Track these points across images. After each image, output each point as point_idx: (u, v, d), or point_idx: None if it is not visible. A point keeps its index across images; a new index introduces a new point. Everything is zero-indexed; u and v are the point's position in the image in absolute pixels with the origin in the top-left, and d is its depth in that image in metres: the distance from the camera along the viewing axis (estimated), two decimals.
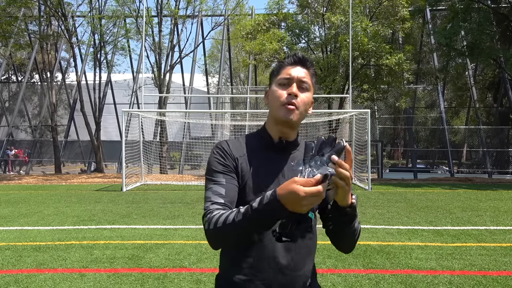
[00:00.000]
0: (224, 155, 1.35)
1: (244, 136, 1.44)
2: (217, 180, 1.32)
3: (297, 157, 1.39)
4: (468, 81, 24.12)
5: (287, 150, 1.40)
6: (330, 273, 4.51)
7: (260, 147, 1.39)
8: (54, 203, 10.21)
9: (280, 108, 1.34)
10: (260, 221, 1.15)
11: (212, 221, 1.22)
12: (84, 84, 23.44)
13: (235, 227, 1.17)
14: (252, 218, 1.15)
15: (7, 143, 25.08)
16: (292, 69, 1.36)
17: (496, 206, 9.53)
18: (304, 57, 1.40)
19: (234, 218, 1.18)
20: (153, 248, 5.63)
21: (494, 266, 4.74)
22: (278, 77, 1.38)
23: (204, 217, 1.27)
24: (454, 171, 21.79)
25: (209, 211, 1.26)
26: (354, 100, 18.94)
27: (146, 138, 17.66)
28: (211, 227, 1.21)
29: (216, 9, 23.00)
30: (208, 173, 1.36)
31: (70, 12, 22.48)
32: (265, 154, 1.38)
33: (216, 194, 1.29)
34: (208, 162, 1.39)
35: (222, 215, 1.21)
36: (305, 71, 1.38)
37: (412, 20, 19.89)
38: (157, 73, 20.73)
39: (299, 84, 1.35)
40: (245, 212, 1.16)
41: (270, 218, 1.14)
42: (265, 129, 1.42)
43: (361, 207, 9.24)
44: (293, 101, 1.33)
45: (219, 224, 1.20)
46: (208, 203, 1.28)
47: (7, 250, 5.59)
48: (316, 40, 20.39)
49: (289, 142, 1.39)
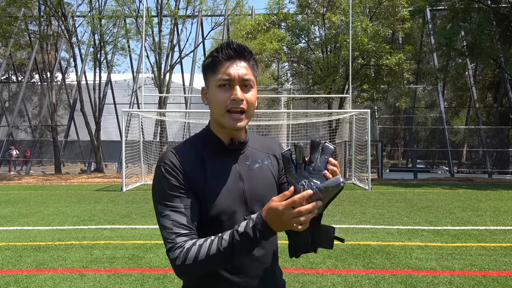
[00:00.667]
0: (175, 173, 1.19)
1: (189, 142, 1.29)
2: (174, 206, 1.18)
3: (250, 156, 1.30)
4: (468, 81, 24.12)
5: (237, 151, 1.29)
6: (330, 273, 4.50)
7: (209, 151, 1.26)
8: (54, 203, 10.21)
9: (224, 116, 1.20)
10: (247, 245, 1.09)
11: (189, 255, 1.11)
12: (84, 84, 23.44)
13: (221, 256, 1.10)
14: (241, 243, 1.09)
15: (7, 143, 25.09)
16: (231, 67, 1.19)
17: (496, 206, 9.53)
18: (241, 46, 1.21)
19: (218, 247, 1.10)
20: (153, 248, 5.63)
21: (494, 266, 4.74)
22: (216, 76, 1.20)
23: (170, 252, 1.14)
24: (454, 171, 21.79)
25: (177, 245, 1.14)
26: (354, 100, 18.94)
27: (146, 138, 17.66)
28: (189, 262, 1.10)
29: (216, 9, 23.01)
30: (160, 196, 1.20)
31: (70, 12, 22.46)
32: (216, 158, 1.26)
33: (178, 225, 1.16)
34: (158, 181, 1.21)
35: (200, 247, 1.11)
36: (245, 64, 1.21)
37: (412, 20, 19.89)
38: (157, 73, 20.73)
39: (242, 83, 1.20)
40: (230, 239, 1.09)
41: (258, 241, 1.09)
42: (211, 132, 1.28)
43: (361, 207, 9.25)
44: (240, 106, 1.19)
45: (201, 257, 1.10)
46: (172, 236, 1.15)
47: (7, 250, 5.59)
48: (316, 40, 20.39)
49: (241, 142, 1.28)
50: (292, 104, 23.39)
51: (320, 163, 1.11)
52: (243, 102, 1.20)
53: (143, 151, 15.93)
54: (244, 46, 1.22)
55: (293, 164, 1.14)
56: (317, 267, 4.72)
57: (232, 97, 1.19)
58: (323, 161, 1.11)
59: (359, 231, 6.70)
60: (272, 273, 1.33)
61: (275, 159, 1.38)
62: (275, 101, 22.66)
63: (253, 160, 1.32)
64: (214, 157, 1.26)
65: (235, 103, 1.19)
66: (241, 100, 1.19)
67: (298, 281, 4.26)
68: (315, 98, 20.26)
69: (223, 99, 1.20)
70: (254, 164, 1.31)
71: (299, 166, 1.13)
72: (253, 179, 1.28)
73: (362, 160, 15.56)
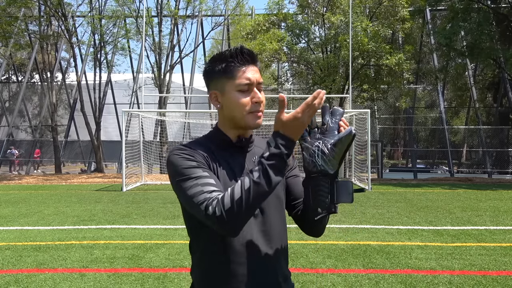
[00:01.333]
0: (191, 153, 1.24)
1: (197, 140, 1.34)
2: (198, 176, 1.18)
3: (256, 153, 1.35)
4: (468, 81, 24.12)
5: (245, 148, 1.35)
6: (330, 273, 4.51)
7: (217, 148, 1.31)
8: (54, 203, 10.22)
9: (246, 117, 1.27)
10: (277, 164, 1.11)
11: (225, 201, 1.09)
12: (84, 84, 23.45)
13: (256, 186, 1.09)
14: (270, 164, 1.11)
15: (7, 143, 25.10)
16: (248, 72, 1.26)
17: (496, 206, 9.53)
18: (252, 52, 1.30)
19: (250, 179, 1.10)
20: (153, 248, 5.63)
21: (494, 266, 4.75)
22: (234, 81, 1.26)
23: (207, 210, 1.10)
24: (454, 171, 21.79)
25: (211, 199, 1.11)
26: (354, 100, 18.95)
27: (146, 138, 17.66)
28: (228, 206, 1.07)
29: (216, 9, 23.01)
30: (181, 174, 1.20)
31: (70, 12, 22.46)
32: (224, 154, 1.31)
33: (208, 185, 1.16)
34: (174, 165, 1.22)
35: (233, 189, 1.10)
36: (257, 69, 1.30)
37: (412, 20, 19.90)
38: (157, 73, 20.73)
39: (258, 86, 1.29)
40: (259, 166, 1.11)
41: (287, 155, 1.13)
42: (220, 131, 1.34)
43: (361, 207, 9.25)
44: (260, 108, 1.28)
45: (238, 195, 1.08)
46: (203, 195, 1.13)
47: (7, 250, 5.60)
48: (316, 40, 20.40)
49: (248, 139, 1.35)
50: (292, 104, 23.37)
51: (332, 124, 1.20)
52: (261, 104, 1.29)
53: (143, 151, 15.93)
54: (254, 53, 1.31)
55: (306, 130, 1.23)
56: (317, 267, 4.73)
57: (255, 100, 1.27)
58: (335, 122, 1.20)
59: (359, 231, 6.71)
60: (283, 276, 1.37)
61: None
62: (275, 101, 22.66)
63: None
64: (222, 152, 1.31)
65: (258, 106, 1.27)
66: (262, 102, 1.29)
67: (298, 281, 4.26)
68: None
69: (245, 102, 1.26)
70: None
71: (312, 131, 1.22)
72: None
73: (362, 160, 15.56)
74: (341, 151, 1.17)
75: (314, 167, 1.20)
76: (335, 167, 1.18)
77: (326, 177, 1.19)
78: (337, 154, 1.17)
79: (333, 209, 1.24)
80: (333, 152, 1.17)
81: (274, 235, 1.32)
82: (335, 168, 1.19)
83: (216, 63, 1.28)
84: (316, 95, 1.11)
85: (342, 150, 1.17)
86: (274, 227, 1.32)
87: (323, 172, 1.19)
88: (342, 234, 6.42)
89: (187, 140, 22.38)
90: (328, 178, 1.19)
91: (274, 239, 1.32)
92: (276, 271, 1.33)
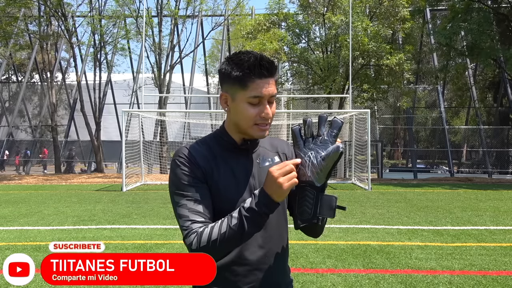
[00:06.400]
0: (190, 165, 1.26)
1: (203, 140, 1.36)
2: (189, 195, 1.23)
3: (261, 155, 1.37)
4: (468, 81, 24.12)
5: (250, 150, 1.36)
6: (330, 273, 4.51)
7: (222, 149, 1.33)
8: (54, 203, 10.21)
9: (252, 128, 1.27)
10: (255, 219, 1.15)
11: (202, 238, 1.16)
12: (84, 84, 23.44)
13: (232, 233, 1.14)
14: (249, 217, 1.14)
15: (7, 143, 25.10)
16: (263, 85, 1.23)
17: (496, 206, 9.53)
18: (272, 64, 1.25)
19: (228, 225, 1.15)
20: (153, 248, 5.63)
21: (494, 266, 4.75)
22: (246, 92, 1.24)
23: (186, 238, 1.20)
24: (454, 171, 21.77)
25: (192, 231, 1.19)
26: (354, 100, 18.92)
27: (146, 138, 17.66)
28: (204, 244, 1.16)
29: (216, 9, 23.00)
30: (177, 187, 1.26)
31: (70, 12, 22.45)
32: (229, 156, 1.32)
33: (194, 212, 1.22)
34: (173, 173, 1.27)
35: (212, 228, 1.17)
36: (273, 80, 1.26)
37: (412, 20, 19.88)
38: (157, 73, 20.73)
39: (270, 99, 1.27)
40: (239, 215, 1.15)
41: (264, 213, 1.15)
42: (226, 132, 1.35)
43: (361, 207, 9.25)
44: (267, 122, 1.27)
45: (214, 237, 1.15)
46: (188, 223, 1.20)
47: (7, 250, 5.60)
48: (317, 40, 20.39)
49: (253, 142, 1.35)
50: (292, 104, 23.39)
51: (327, 136, 1.19)
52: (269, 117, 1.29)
53: (143, 151, 15.93)
54: (273, 63, 1.26)
55: (302, 139, 1.23)
56: (317, 267, 4.72)
57: (263, 115, 1.26)
58: (330, 135, 1.19)
59: (359, 231, 6.71)
60: (283, 271, 1.40)
61: (284, 157, 1.44)
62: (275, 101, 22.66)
63: (264, 158, 1.39)
64: (227, 154, 1.33)
65: (265, 120, 1.27)
66: (269, 118, 1.28)
67: (298, 281, 4.26)
68: (315, 98, 20.26)
69: (253, 114, 1.26)
70: (265, 162, 1.38)
71: (307, 140, 1.22)
72: (263, 176, 1.32)
73: (362, 160, 15.56)
74: (329, 166, 1.18)
75: (303, 177, 1.21)
76: (322, 181, 1.19)
77: (312, 188, 1.20)
78: (325, 168, 1.18)
79: (315, 221, 1.24)
80: (321, 166, 1.18)
81: (274, 235, 1.32)
82: (322, 182, 1.19)
83: (233, 69, 1.25)
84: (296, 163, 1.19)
85: (330, 165, 1.18)
86: (275, 226, 1.33)
87: (310, 183, 1.20)
88: (342, 234, 6.41)
89: (187, 140, 22.38)
90: (314, 190, 1.20)
91: (275, 239, 1.32)
92: (276, 271, 1.33)
